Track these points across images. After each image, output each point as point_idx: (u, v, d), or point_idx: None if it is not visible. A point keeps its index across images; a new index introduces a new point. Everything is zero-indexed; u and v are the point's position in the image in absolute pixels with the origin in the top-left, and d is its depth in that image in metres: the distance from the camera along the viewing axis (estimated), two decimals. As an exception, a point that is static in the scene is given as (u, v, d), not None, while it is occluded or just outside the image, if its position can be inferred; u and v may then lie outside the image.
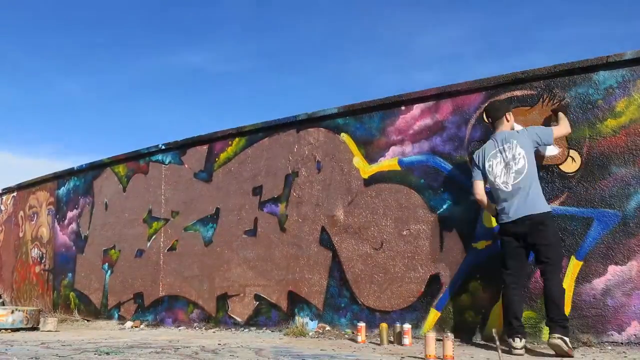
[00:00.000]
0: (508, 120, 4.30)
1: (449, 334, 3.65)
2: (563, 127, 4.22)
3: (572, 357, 3.65)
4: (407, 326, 4.49)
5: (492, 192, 4.26)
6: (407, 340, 4.44)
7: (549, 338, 3.76)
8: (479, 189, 4.33)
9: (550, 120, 4.41)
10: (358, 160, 5.46)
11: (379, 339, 4.62)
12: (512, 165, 4.09)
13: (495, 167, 4.19)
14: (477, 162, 4.36)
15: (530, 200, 3.99)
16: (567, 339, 3.70)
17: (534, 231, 3.96)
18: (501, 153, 4.18)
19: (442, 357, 3.58)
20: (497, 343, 3.85)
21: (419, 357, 3.66)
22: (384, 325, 4.61)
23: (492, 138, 4.34)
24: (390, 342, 4.58)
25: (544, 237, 3.94)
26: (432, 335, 3.68)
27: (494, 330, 4.05)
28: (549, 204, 4.18)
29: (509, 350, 3.89)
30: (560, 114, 4.29)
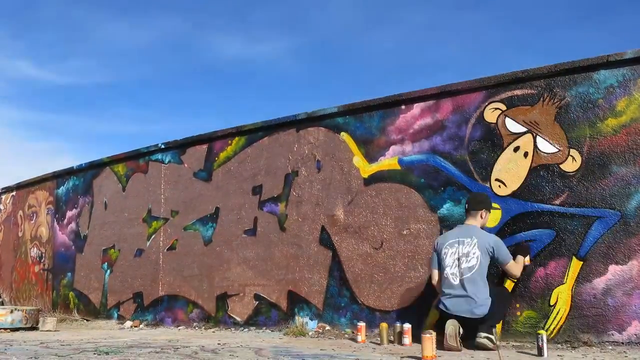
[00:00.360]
0: (482, 217, 4.32)
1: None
2: (516, 269, 4.20)
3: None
4: (407, 326, 4.47)
5: (442, 278, 4.30)
6: (407, 340, 4.43)
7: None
8: (435, 278, 4.40)
9: (551, 120, 4.41)
10: (358, 160, 5.45)
11: (379, 339, 4.61)
12: (463, 261, 4.16)
13: (448, 257, 4.24)
14: (435, 247, 4.41)
15: (474, 304, 4.05)
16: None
17: (471, 325, 4.08)
18: (458, 245, 4.23)
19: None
20: (497, 343, 3.85)
21: (418, 357, 3.65)
22: (384, 325, 4.59)
23: (458, 226, 4.43)
24: (390, 341, 4.57)
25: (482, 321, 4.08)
26: (428, 336, 3.66)
27: (494, 330, 4.05)
28: (549, 203, 4.18)
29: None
30: (519, 257, 4.24)
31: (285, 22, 22.48)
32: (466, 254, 4.16)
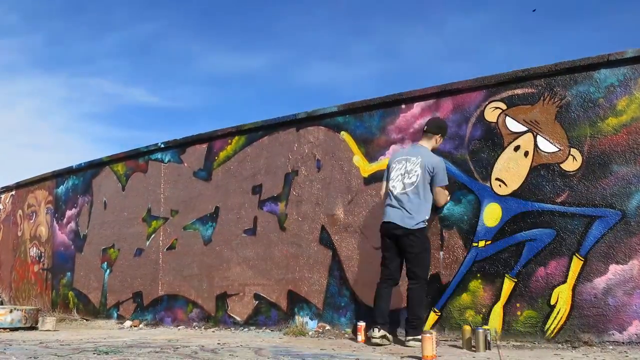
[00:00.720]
0: (436, 142, 4.66)
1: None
2: (442, 196, 4.58)
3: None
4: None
5: (386, 190, 4.65)
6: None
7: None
8: (382, 190, 4.80)
9: (552, 119, 4.40)
10: (358, 159, 5.44)
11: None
12: (405, 177, 4.50)
13: (394, 172, 4.59)
14: (390, 161, 4.76)
15: (406, 215, 4.43)
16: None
17: (404, 239, 4.44)
18: (405, 162, 4.57)
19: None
20: (497, 343, 3.84)
21: (418, 357, 3.64)
22: (467, 327, 4.17)
23: (412, 145, 4.87)
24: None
25: (411, 247, 4.42)
26: (428, 336, 3.65)
27: (494, 330, 4.05)
28: (549, 203, 4.16)
29: (369, 340, 4.42)
30: (438, 189, 4.53)
31: (379, 51, 25.18)
32: (409, 170, 4.49)
